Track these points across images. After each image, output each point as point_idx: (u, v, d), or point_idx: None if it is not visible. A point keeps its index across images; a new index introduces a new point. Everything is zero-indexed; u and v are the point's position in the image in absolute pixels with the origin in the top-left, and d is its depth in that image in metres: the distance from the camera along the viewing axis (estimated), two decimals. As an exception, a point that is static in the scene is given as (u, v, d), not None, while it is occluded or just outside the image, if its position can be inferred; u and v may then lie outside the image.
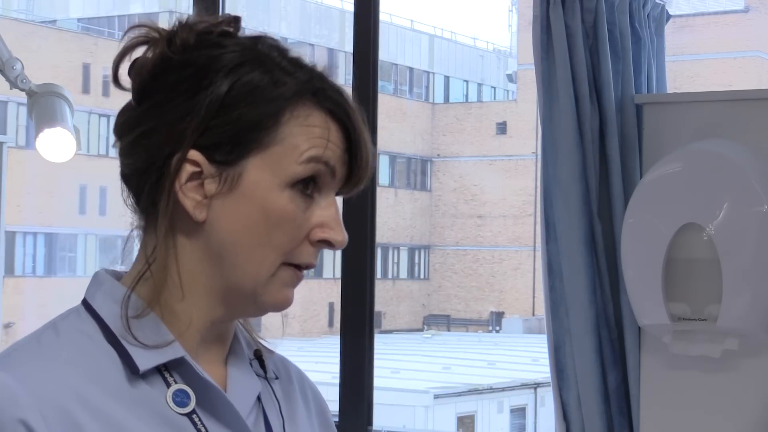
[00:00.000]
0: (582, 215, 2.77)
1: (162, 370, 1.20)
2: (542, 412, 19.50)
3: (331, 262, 27.87)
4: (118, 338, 1.19)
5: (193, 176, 1.19)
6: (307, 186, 1.20)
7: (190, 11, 3.72)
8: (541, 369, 17.95)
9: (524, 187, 29.35)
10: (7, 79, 3.37)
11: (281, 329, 1.36)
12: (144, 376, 1.18)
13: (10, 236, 21.48)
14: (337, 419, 3.32)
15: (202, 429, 1.19)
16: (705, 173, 2.65)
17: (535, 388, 19.67)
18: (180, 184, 1.19)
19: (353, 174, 1.24)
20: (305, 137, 1.20)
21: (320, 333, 26.46)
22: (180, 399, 1.19)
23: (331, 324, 27.06)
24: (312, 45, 29.30)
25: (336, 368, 3.35)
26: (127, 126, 1.23)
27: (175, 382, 1.20)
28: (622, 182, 2.80)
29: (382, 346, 18.03)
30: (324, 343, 20.60)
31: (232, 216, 1.19)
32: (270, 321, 1.33)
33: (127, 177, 1.23)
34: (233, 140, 1.19)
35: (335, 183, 1.23)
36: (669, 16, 3.03)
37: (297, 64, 1.23)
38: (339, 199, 1.28)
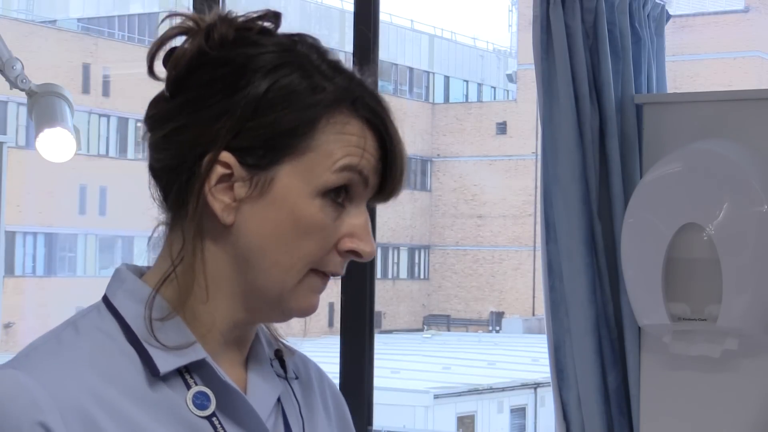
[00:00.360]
0: (582, 215, 2.77)
1: (182, 372, 1.18)
2: (542, 412, 19.50)
3: (331, 262, 27.87)
4: (139, 339, 1.17)
5: (223, 178, 1.17)
6: (339, 195, 1.18)
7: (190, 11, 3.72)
8: (541, 369, 17.96)
9: (524, 187, 29.36)
10: (7, 79, 3.37)
11: (281, 329, 1.35)
12: (164, 377, 1.17)
13: (10, 236, 21.47)
14: (337, 419, 3.32)
15: (222, 431, 1.18)
16: (705, 173, 2.65)
17: (535, 388, 19.67)
18: (210, 186, 1.17)
19: (387, 185, 1.21)
20: (340, 145, 1.17)
21: (320, 333, 26.44)
22: (200, 401, 1.18)
23: (331, 324, 27.05)
24: (312, 45, 29.30)
25: (336, 368, 3.35)
26: (159, 119, 1.20)
27: (196, 384, 1.18)
28: (622, 182, 2.80)
29: (382, 346, 18.03)
30: (324, 343, 20.59)
31: (260, 221, 1.17)
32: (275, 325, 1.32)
33: (156, 172, 1.21)
34: (267, 144, 1.16)
35: (367, 192, 1.20)
36: (669, 16, 3.03)
37: (336, 68, 1.20)
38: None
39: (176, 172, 1.18)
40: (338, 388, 1.43)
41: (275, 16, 1.22)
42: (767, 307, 2.61)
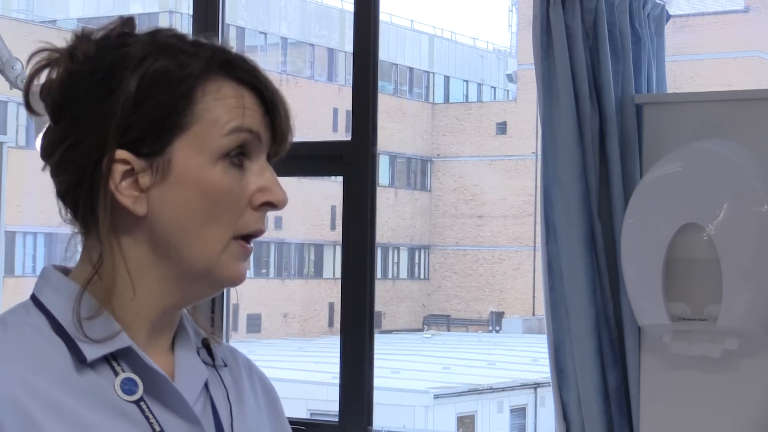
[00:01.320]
0: (582, 215, 2.77)
1: (110, 360, 1.22)
2: (542, 412, 19.49)
3: (331, 262, 27.89)
4: (66, 330, 1.21)
5: (125, 174, 1.21)
6: (237, 156, 1.23)
7: (190, 11, 3.73)
8: (541, 369, 17.96)
9: (524, 187, 29.36)
10: (7, 79, 3.37)
11: (282, 329, 1.36)
12: (92, 365, 1.21)
13: (10, 236, 21.48)
14: (337, 419, 3.32)
15: (150, 416, 1.22)
16: (705, 173, 2.65)
17: (535, 388, 19.67)
18: (115, 185, 1.21)
19: (277, 132, 1.26)
20: (222, 110, 1.22)
21: (320, 333, 26.45)
22: (128, 387, 1.22)
23: (331, 324, 27.06)
24: (312, 45, 29.31)
25: (336, 368, 3.35)
26: (51, 146, 1.25)
27: (123, 371, 1.22)
28: (622, 182, 2.80)
29: (382, 346, 18.04)
30: (324, 343, 20.61)
31: (172, 202, 1.22)
32: (270, 321, 1.33)
33: (63, 194, 1.27)
34: (154, 130, 1.21)
35: (263, 147, 1.25)
36: (669, 16, 3.03)
37: (197, 44, 1.25)
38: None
39: (80, 185, 1.23)
40: (338, 388, 1.44)
41: (129, 21, 1.27)
42: (767, 307, 2.61)
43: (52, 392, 1.18)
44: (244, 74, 1.24)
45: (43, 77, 1.26)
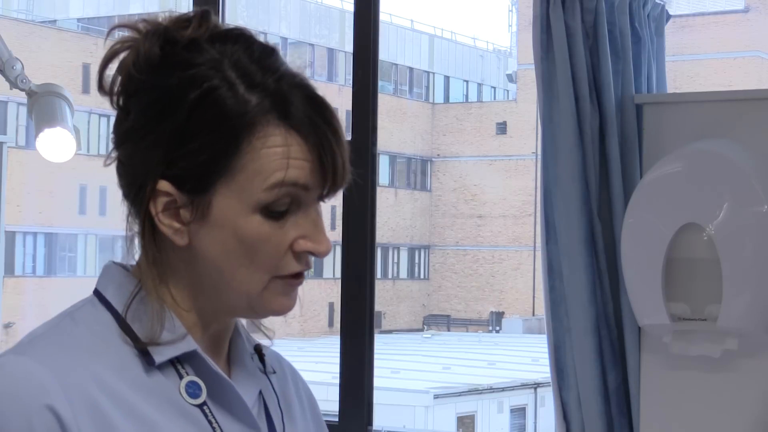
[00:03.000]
0: (582, 215, 2.77)
1: (175, 363, 1.22)
2: (542, 412, 19.50)
3: (331, 262, 27.88)
4: (133, 330, 1.21)
5: (168, 205, 1.20)
6: (281, 205, 1.20)
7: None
8: (541, 369, 17.96)
9: (524, 187, 29.36)
10: (7, 79, 3.37)
11: (281, 329, 1.36)
12: (159, 367, 1.21)
13: (10, 236, 21.47)
14: (337, 419, 3.32)
15: (213, 420, 1.22)
16: (705, 173, 2.65)
17: (535, 388, 19.68)
18: (156, 212, 1.20)
19: (329, 182, 1.21)
20: (267, 161, 1.18)
21: (320, 333, 26.46)
22: (192, 390, 1.22)
23: (331, 324, 27.06)
24: (312, 45, 29.30)
25: (336, 368, 3.35)
26: (115, 143, 1.24)
27: (187, 374, 1.22)
28: (622, 182, 2.80)
29: (382, 346, 18.04)
30: (324, 343, 20.60)
31: (210, 242, 1.20)
32: (270, 321, 1.33)
33: (123, 194, 1.25)
34: (198, 170, 1.19)
35: (312, 194, 1.21)
36: (669, 16, 3.03)
37: (265, 70, 1.20)
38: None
39: (130, 198, 1.23)
40: (338, 388, 1.46)
41: (204, 20, 1.22)
42: (767, 307, 2.61)
43: (122, 390, 1.18)
44: (299, 122, 1.19)
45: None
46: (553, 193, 2.80)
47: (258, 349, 1.33)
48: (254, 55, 1.21)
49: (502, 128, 30.47)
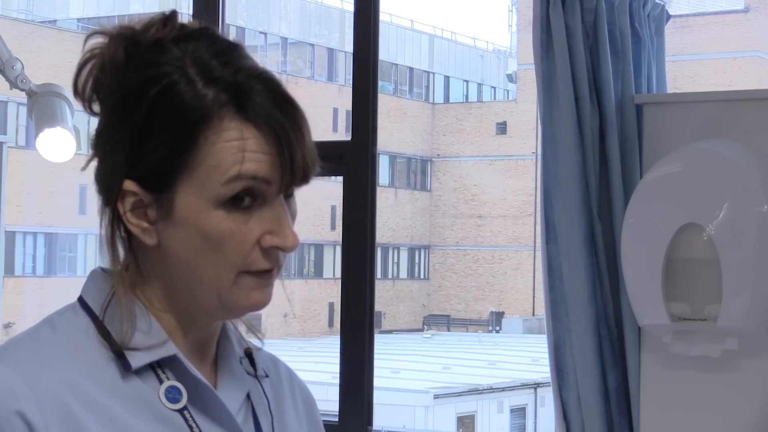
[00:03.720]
0: (582, 215, 2.77)
1: (155, 367, 1.22)
2: (542, 412, 19.49)
3: (331, 262, 27.89)
4: (111, 335, 1.21)
5: (135, 204, 1.20)
6: (242, 200, 1.18)
7: (190, 11, 3.73)
8: (541, 369, 17.95)
9: (524, 187, 29.35)
10: (7, 79, 3.37)
11: (282, 329, 1.36)
12: (137, 372, 1.20)
13: (10, 236, 21.47)
14: (337, 419, 3.32)
15: (194, 425, 1.21)
16: (705, 173, 2.65)
17: (535, 388, 19.67)
18: (124, 212, 1.21)
19: (289, 175, 1.20)
20: (224, 155, 1.17)
21: (320, 333, 26.45)
22: (172, 395, 1.21)
23: (331, 324, 27.06)
24: (312, 45, 29.31)
25: (336, 368, 3.35)
26: (90, 147, 1.25)
27: (168, 379, 1.22)
28: (622, 182, 2.80)
29: (382, 346, 18.04)
30: (324, 343, 20.60)
31: (176, 240, 1.20)
32: (270, 321, 1.33)
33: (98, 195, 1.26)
34: (159, 169, 1.19)
35: (274, 187, 1.20)
36: (669, 16, 3.03)
37: (225, 64, 1.20)
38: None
39: (103, 201, 1.24)
40: (338, 388, 1.45)
41: (169, 20, 1.23)
42: (767, 307, 2.61)
43: (98, 397, 1.17)
44: (257, 114, 1.18)
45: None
46: (553, 193, 2.80)
47: (248, 353, 1.32)
48: (216, 51, 1.20)
49: (502, 128, 30.46)
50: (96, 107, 1.24)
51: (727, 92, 2.98)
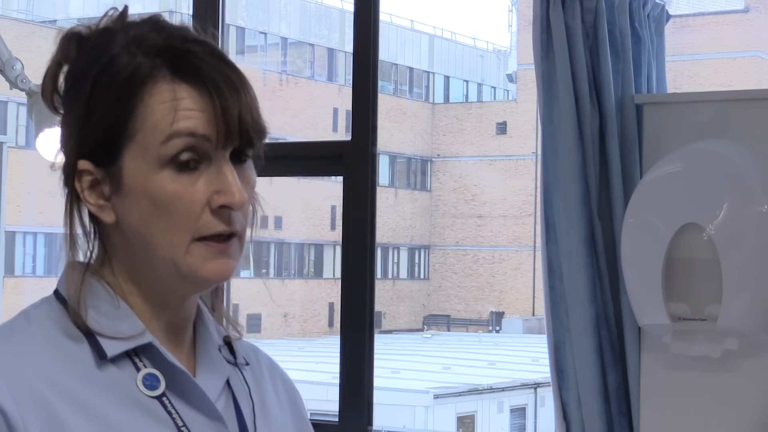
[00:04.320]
0: (582, 215, 2.77)
1: (131, 355, 1.22)
2: (542, 412, 19.50)
3: (331, 262, 27.89)
4: (87, 325, 1.22)
5: (92, 183, 1.23)
6: (187, 162, 1.20)
7: (190, 11, 3.73)
8: (541, 369, 17.96)
9: (524, 187, 29.36)
10: (7, 79, 3.37)
11: (282, 329, 1.35)
12: (113, 360, 1.21)
13: (10, 236, 21.48)
14: (337, 419, 3.32)
15: (173, 411, 1.21)
16: (705, 173, 2.65)
17: (535, 388, 19.67)
18: (81, 191, 1.24)
19: (226, 131, 1.20)
20: (160, 115, 1.19)
21: (320, 333, 26.45)
22: (150, 382, 1.22)
23: (331, 324, 27.06)
24: (312, 45, 29.31)
25: (336, 368, 3.35)
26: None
27: (145, 367, 1.22)
28: (622, 182, 2.80)
29: (382, 346, 18.03)
30: (324, 343, 20.61)
31: (129, 211, 1.21)
32: (270, 321, 1.33)
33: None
34: (104, 140, 1.21)
35: (217, 145, 1.20)
36: (669, 16, 3.03)
37: (151, 41, 1.22)
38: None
39: (63, 185, 1.27)
40: (338, 388, 1.44)
41: (119, 16, 1.26)
42: (767, 307, 2.61)
43: (74, 387, 1.18)
44: (190, 72, 1.20)
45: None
46: (553, 193, 2.80)
47: (227, 341, 1.32)
48: (156, 27, 1.24)
49: (502, 128, 30.47)
50: (58, 104, 1.27)
51: (727, 92, 2.98)
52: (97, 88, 1.21)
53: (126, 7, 1.27)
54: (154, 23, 1.24)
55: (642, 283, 2.69)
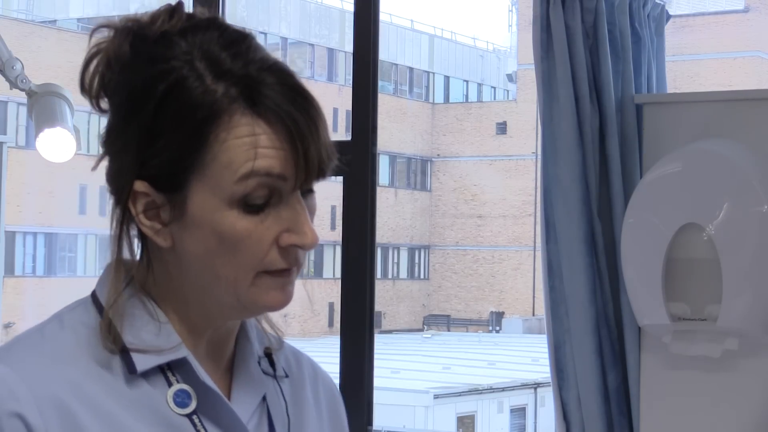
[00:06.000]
0: (582, 215, 2.77)
1: (164, 369, 1.18)
2: (542, 412, 19.50)
3: (331, 262, 27.89)
4: (120, 335, 1.17)
5: (148, 205, 1.16)
6: (257, 198, 1.14)
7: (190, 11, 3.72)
8: (541, 369, 17.96)
9: (524, 187, 29.36)
10: (7, 79, 3.37)
11: (282, 329, 1.34)
12: (145, 375, 1.17)
13: (10, 236, 21.47)
14: (337, 419, 3.32)
15: (202, 430, 1.17)
16: (705, 173, 2.65)
17: (535, 388, 19.68)
18: (136, 213, 1.17)
19: (304, 171, 1.15)
20: (236, 152, 1.13)
21: (320, 333, 26.45)
22: (181, 399, 1.17)
23: (331, 324, 27.06)
24: (312, 45, 29.31)
25: (336, 368, 3.35)
26: (101, 145, 1.21)
27: (177, 382, 1.18)
28: (622, 182, 2.80)
29: (382, 346, 18.03)
30: (324, 343, 20.60)
31: (190, 241, 1.16)
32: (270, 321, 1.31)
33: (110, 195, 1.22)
34: (170, 168, 1.15)
35: (291, 183, 1.15)
36: (669, 16, 3.03)
37: (235, 56, 1.16)
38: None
39: (113, 201, 1.19)
40: (336, 385, 1.41)
41: (176, 11, 1.18)
42: (767, 307, 2.61)
43: (102, 400, 1.14)
44: (268, 108, 1.14)
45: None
46: (553, 193, 2.80)
47: (268, 352, 1.27)
48: (225, 43, 1.16)
49: (502, 128, 30.47)
50: (104, 104, 1.19)
51: (727, 92, 2.98)
52: (165, 109, 1.14)
53: (181, 3, 1.19)
54: (220, 33, 1.17)
55: (642, 283, 2.69)
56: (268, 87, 1.14)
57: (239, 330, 1.26)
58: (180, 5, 1.19)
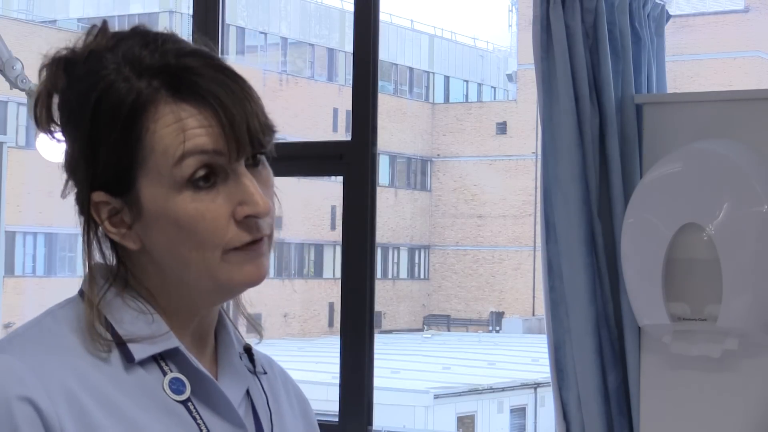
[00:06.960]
0: (582, 215, 2.77)
1: (158, 359, 1.23)
2: (542, 412, 19.49)
3: (332, 262, 27.89)
4: (114, 327, 1.22)
5: (110, 212, 1.22)
6: (202, 178, 1.19)
7: (190, 11, 3.73)
8: (541, 369, 17.96)
9: (524, 187, 29.35)
10: (7, 79, 3.38)
11: (282, 329, 1.35)
12: (141, 363, 1.21)
13: (10, 236, 21.48)
14: (337, 419, 3.32)
15: (197, 416, 1.22)
16: (705, 173, 2.65)
17: (535, 388, 19.67)
18: (101, 222, 1.22)
19: (237, 143, 1.19)
20: (168, 139, 1.18)
21: (320, 333, 26.45)
22: (176, 387, 1.22)
23: (331, 324, 27.06)
24: (312, 45, 29.31)
25: (336, 368, 3.35)
26: (63, 172, 1.27)
27: (171, 371, 1.23)
28: (622, 182, 2.80)
29: (382, 346, 18.03)
30: (324, 343, 20.60)
31: (155, 236, 1.21)
32: (270, 321, 1.33)
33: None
34: (117, 171, 1.20)
35: (231, 158, 1.19)
36: (669, 16, 3.03)
37: (145, 63, 1.20)
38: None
39: (79, 214, 1.25)
40: (338, 388, 1.45)
41: (101, 32, 1.24)
42: (767, 307, 2.61)
43: (105, 388, 1.18)
44: (189, 91, 1.19)
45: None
46: (553, 193, 2.81)
47: (248, 349, 1.33)
48: (144, 43, 1.21)
49: (502, 128, 30.46)
50: (58, 135, 1.25)
51: (727, 92, 2.98)
52: (99, 119, 1.19)
53: (105, 22, 1.25)
54: (142, 37, 1.22)
55: (642, 283, 2.69)
56: (189, 72, 1.19)
57: (218, 324, 1.30)
58: (105, 24, 1.25)
